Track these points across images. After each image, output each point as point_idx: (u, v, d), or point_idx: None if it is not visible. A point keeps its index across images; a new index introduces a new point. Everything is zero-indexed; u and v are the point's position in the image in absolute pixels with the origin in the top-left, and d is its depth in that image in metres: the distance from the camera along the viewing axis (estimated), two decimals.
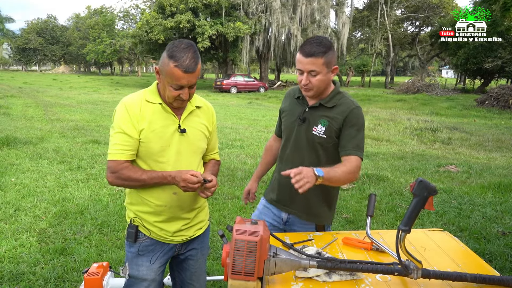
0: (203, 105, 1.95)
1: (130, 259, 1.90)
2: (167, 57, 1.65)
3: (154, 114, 1.77)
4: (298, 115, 2.03)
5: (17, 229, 4.00)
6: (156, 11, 29.11)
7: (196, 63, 1.66)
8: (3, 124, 10.42)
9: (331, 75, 1.92)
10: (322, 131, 1.95)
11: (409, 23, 44.04)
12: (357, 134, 1.91)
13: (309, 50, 1.83)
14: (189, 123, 1.85)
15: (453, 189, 5.56)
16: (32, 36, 62.69)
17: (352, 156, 1.88)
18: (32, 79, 37.98)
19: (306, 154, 2.01)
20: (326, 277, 1.47)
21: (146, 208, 1.85)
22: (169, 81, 1.68)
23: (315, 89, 1.91)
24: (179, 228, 1.90)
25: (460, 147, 9.42)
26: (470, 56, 26.02)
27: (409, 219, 1.35)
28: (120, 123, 1.74)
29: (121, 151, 1.73)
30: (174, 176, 1.71)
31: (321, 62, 1.83)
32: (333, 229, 4.18)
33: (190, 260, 2.05)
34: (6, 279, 3.10)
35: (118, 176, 1.73)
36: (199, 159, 1.95)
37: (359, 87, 36.82)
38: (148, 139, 1.75)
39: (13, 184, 5.41)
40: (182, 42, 1.67)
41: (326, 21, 31.91)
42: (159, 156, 1.78)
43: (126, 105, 1.76)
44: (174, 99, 1.73)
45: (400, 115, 14.99)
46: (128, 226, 1.89)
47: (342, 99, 1.97)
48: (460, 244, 1.84)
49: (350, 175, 1.81)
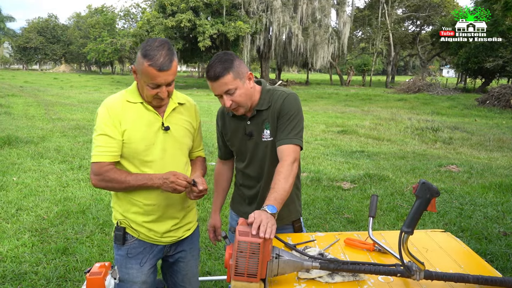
0: (185, 102, 1.94)
1: (119, 262, 1.88)
2: (141, 56, 1.63)
3: (136, 114, 1.77)
4: (243, 132, 1.96)
5: (19, 229, 4.01)
6: (157, 10, 29.11)
7: (171, 60, 1.64)
8: (5, 123, 10.44)
9: (249, 82, 1.83)
10: (268, 134, 1.91)
11: (410, 22, 43.96)
12: (290, 121, 1.84)
13: (214, 73, 1.74)
14: (172, 120, 1.84)
15: (454, 189, 5.56)
16: (33, 35, 62.65)
17: (284, 146, 1.81)
18: (33, 78, 38.00)
19: (265, 163, 1.96)
20: (329, 278, 1.47)
21: (134, 208, 1.83)
22: (146, 80, 1.66)
23: (242, 105, 1.82)
24: (168, 228, 1.89)
25: (461, 146, 9.41)
26: (471, 56, 25.97)
27: (412, 220, 1.35)
28: (102, 125, 1.73)
29: (104, 153, 1.72)
30: (161, 177, 1.71)
31: (231, 78, 1.74)
32: (334, 229, 4.19)
33: (180, 263, 2.03)
34: (9, 279, 3.11)
35: (102, 179, 1.72)
36: (186, 156, 1.94)
37: (359, 87, 36.79)
38: (132, 140, 1.74)
39: (15, 183, 5.42)
40: (156, 40, 1.66)
41: (327, 20, 31.90)
42: (145, 155, 1.77)
43: (107, 107, 1.75)
44: (152, 98, 1.73)
45: (401, 115, 14.98)
46: (115, 228, 1.87)
47: (274, 95, 1.90)
48: (462, 245, 1.84)
49: (290, 176, 1.72)
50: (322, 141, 9.68)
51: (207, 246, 3.77)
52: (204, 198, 5.02)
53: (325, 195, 5.31)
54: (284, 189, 1.68)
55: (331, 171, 6.55)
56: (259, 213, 1.45)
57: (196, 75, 59.80)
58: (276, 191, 1.65)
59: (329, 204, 4.96)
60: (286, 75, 58.69)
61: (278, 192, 1.65)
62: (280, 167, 1.75)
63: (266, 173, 1.96)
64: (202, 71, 58.49)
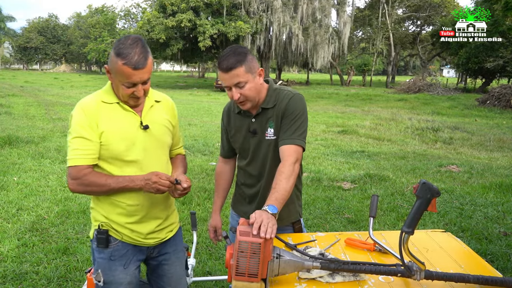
0: (162, 99, 1.90)
1: (102, 265, 1.82)
2: (114, 55, 1.59)
3: (113, 114, 1.72)
4: (247, 129, 1.97)
5: (20, 229, 4.01)
6: (157, 10, 29.11)
7: (146, 58, 1.60)
8: (5, 123, 10.44)
9: (259, 79, 1.85)
10: (272, 133, 1.91)
11: (411, 22, 43.97)
12: (294, 122, 1.85)
13: (226, 64, 1.75)
14: (151, 119, 1.80)
15: (455, 189, 5.56)
16: (33, 35, 62.69)
17: (286, 146, 1.81)
18: (33, 78, 38.02)
19: (267, 161, 1.96)
20: (329, 278, 1.48)
21: (117, 210, 1.77)
22: (120, 79, 1.62)
23: (250, 100, 1.84)
24: (152, 229, 1.85)
25: (462, 147, 9.42)
26: (472, 56, 25.98)
27: (412, 221, 1.35)
28: (77, 127, 1.67)
29: (81, 156, 1.67)
30: (143, 178, 1.67)
31: (242, 71, 1.76)
32: (335, 229, 4.19)
33: (164, 266, 1.98)
34: (9, 279, 3.11)
35: (81, 183, 1.67)
36: (167, 154, 1.91)
37: (360, 87, 36.80)
38: (110, 141, 1.69)
39: (15, 183, 5.42)
40: (129, 37, 1.61)
41: (327, 20, 31.91)
42: (125, 155, 1.72)
43: (82, 109, 1.69)
44: (128, 97, 1.69)
45: (401, 115, 14.99)
46: (97, 232, 1.79)
47: (280, 94, 1.91)
48: (462, 245, 1.84)
49: (292, 177, 1.73)
50: (323, 141, 9.68)
51: (208, 246, 3.77)
52: (205, 198, 5.03)
53: (326, 195, 5.31)
54: (285, 189, 1.68)
55: (332, 171, 6.55)
56: (260, 213, 1.45)
57: (197, 75, 59.80)
58: (277, 191, 1.66)
59: (330, 204, 4.97)
60: (286, 75, 58.72)
61: (279, 192, 1.66)
62: (281, 167, 1.76)
63: (268, 172, 1.97)
64: (203, 71, 58.53)
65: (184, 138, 9.39)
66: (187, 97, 22.72)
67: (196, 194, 5.14)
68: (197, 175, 6.02)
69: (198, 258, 3.50)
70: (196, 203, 4.90)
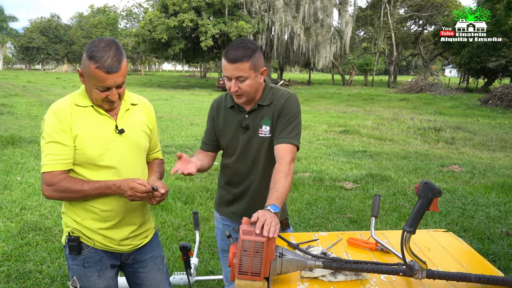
0: (139, 102, 1.85)
1: (77, 272, 1.76)
2: (87, 58, 1.54)
3: (87, 118, 1.66)
4: (239, 124, 1.95)
5: (23, 228, 4.03)
6: (159, 10, 29.18)
7: (120, 61, 1.56)
8: (8, 123, 10.48)
9: (261, 77, 1.87)
10: (267, 130, 1.92)
11: (412, 22, 43.93)
12: (290, 122, 1.87)
13: (234, 55, 1.75)
14: (126, 122, 1.74)
15: (457, 189, 5.56)
16: (36, 35, 62.81)
17: (282, 145, 1.83)
18: (36, 78, 38.12)
19: (257, 158, 1.96)
20: (332, 277, 1.49)
21: (89, 215, 1.71)
22: (94, 83, 1.57)
23: (246, 95, 1.85)
24: (126, 235, 1.79)
25: (464, 146, 9.41)
26: (474, 55, 25.94)
27: (414, 220, 1.36)
28: (50, 132, 1.62)
29: (55, 161, 1.61)
30: (120, 185, 1.61)
31: (247, 67, 1.77)
32: (337, 229, 4.20)
33: (141, 274, 1.91)
34: (13, 278, 3.13)
35: (55, 189, 1.62)
36: (144, 159, 1.86)
37: (361, 86, 36.77)
38: (84, 145, 1.63)
39: (18, 183, 5.45)
40: (102, 40, 1.56)
41: (329, 20, 31.90)
42: (100, 161, 1.66)
43: (55, 112, 1.64)
44: (102, 101, 1.64)
45: (403, 115, 14.98)
46: (68, 239, 1.73)
47: (276, 93, 1.93)
48: (464, 245, 1.85)
49: (289, 175, 1.75)
50: (324, 141, 9.68)
51: (210, 246, 3.79)
52: (207, 198, 5.04)
53: (328, 195, 5.32)
54: (284, 187, 1.69)
55: (334, 171, 6.56)
56: (263, 213, 1.46)
57: (198, 75, 59.84)
58: (277, 190, 1.67)
59: (332, 204, 4.97)
60: (288, 75, 58.69)
61: (279, 191, 1.67)
62: (279, 166, 1.77)
63: (261, 170, 1.97)
64: (204, 71, 58.55)
65: (186, 138, 9.40)
66: (189, 97, 22.74)
67: (198, 194, 5.15)
68: (199, 175, 6.03)
69: (200, 257, 3.51)
70: (199, 203, 4.91)
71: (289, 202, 4.92)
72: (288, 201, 4.91)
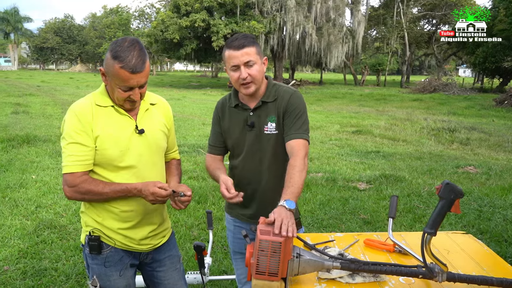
0: (157, 101, 1.86)
1: (97, 271, 1.77)
2: (111, 57, 1.54)
3: (107, 118, 1.66)
4: (244, 122, 1.96)
5: (39, 226, 4.08)
6: (172, 10, 29.29)
7: (144, 61, 1.56)
8: (23, 122, 10.63)
9: (264, 66, 1.91)
10: (273, 127, 1.92)
11: (426, 21, 43.41)
12: (298, 117, 1.89)
13: (239, 43, 1.81)
14: (146, 123, 1.75)
15: (473, 190, 5.48)
16: (50, 36, 63.70)
17: (294, 140, 1.84)
18: (50, 77, 38.63)
19: (263, 156, 1.96)
20: (349, 278, 1.47)
21: (110, 215, 1.72)
22: (117, 83, 1.57)
23: (256, 82, 1.86)
24: (145, 235, 1.81)
25: (479, 147, 9.26)
26: (489, 55, 25.55)
27: (435, 222, 1.34)
28: (71, 133, 1.61)
29: (77, 162, 1.61)
30: (141, 189, 1.62)
31: (254, 51, 1.82)
32: (350, 230, 4.16)
33: (158, 272, 1.93)
34: (29, 275, 3.17)
35: (76, 190, 1.62)
36: (162, 159, 1.86)
37: (374, 86, 36.49)
38: (105, 146, 1.64)
39: (34, 181, 5.52)
40: (126, 39, 1.56)
41: (341, 20, 31.69)
42: (120, 161, 1.67)
43: (76, 113, 1.63)
44: (124, 101, 1.64)
45: (417, 115, 14.82)
46: (89, 238, 1.74)
47: (279, 89, 1.96)
48: (484, 247, 1.81)
49: (304, 170, 1.75)
50: (337, 141, 9.62)
51: (223, 246, 3.79)
52: (220, 197, 5.04)
53: (341, 195, 5.28)
54: (299, 182, 1.69)
55: (347, 172, 6.51)
56: (279, 212, 1.45)
57: (210, 75, 60.01)
58: (292, 185, 1.66)
59: (345, 205, 4.94)
60: (299, 75, 58.53)
61: (294, 186, 1.66)
62: (293, 161, 1.76)
63: (267, 167, 1.96)
64: (216, 71, 58.68)
65: (198, 137, 9.43)
66: (201, 97, 22.82)
67: (211, 194, 5.16)
68: None
69: (214, 257, 3.51)
70: (211, 202, 4.91)
71: (301, 203, 4.90)
72: (300, 201, 4.89)
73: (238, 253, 2.18)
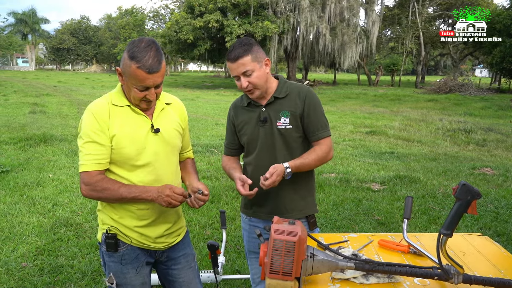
0: (172, 101, 1.88)
1: (113, 268, 1.80)
2: (128, 58, 1.56)
3: (124, 117, 1.69)
4: (257, 118, 2.01)
5: (55, 223, 4.15)
6: (185, 11, 29.50)
7: (160, 61, 1.59)
8: (40, 122, 10.82)
9: (266, 68, 1.95)
10: (287, 122, 1.97)
11: (442, 21, 42.84)
12: (319, 115, 2.00)
13: (234, 54, 1.87)
14: (162, 122, 1.78)
15: (489, 192, 5.39)
16: (66, 36, 64.75)
17: (322, 140, 1.99)
18: (66, 78, 39.24)
19: (277, 151, 1.99)
20: (364, 279, 1.46)
21: (126, 213, 1.75)
22: (133, 82, 1.60)
23: (258, 88, 1.93)
24: (161, 233, 1.83)
25: (496, 149, 9.10)
26: (507, 55, 25.07)
27: (451, 223, 1.32)
28: (89, 132, 1.64)
29: (93, 161, 1.64)
30: (156, 198, 1.64)
31: (249, 60, 1.87)
32: (364, 231, 4.14)
33: (174, 270, 1.95)
34: (46, 271, 3.23)
35: (93, 189, 1.64)
36: (177, 158, 1.89)
37: (388, 87, 36.13)
38: (121, 145, 1.67)
39: (50, 179, 5.62)
40: (143, 40, 1.59)
41: (355, 20, 31.50)
42: (136, 160, 1.70)
43: (93, 113, 1.66)
44: (140, 101, 1.66)
45: (432, 116, 14.63)
46: (106, 236, 1.76)
47: (291, 86, 2.02)
48: (501, 250, 1.79)
49: (322, 159, 1.97)
50: (351, 142, 9.57)
51: (237, 245, 3.80)
52: (233, 197, 5.06)
53: (354, 196, 5.25)
54: (310, 162, 1.91)
55: (360, 172, 6.47)
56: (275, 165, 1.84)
57: (223, 75, 60.20)
58: (304, 159, 1.91)
59: (359, 206, 4.91)
60: (313, 75, 58.33)
61: (305, 162, 1.90)
62: (318, 149, 1.95)
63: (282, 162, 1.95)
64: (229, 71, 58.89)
65: (212, 137, 9.47)
66: (214, 97, 22.91)
67: (225, 193, 5.18)
68: (225, 174, 6.06)
69: (227, 256, 3.53)
70: (225, 202, 4.93)
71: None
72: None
73: (253, 252, 2.20)
